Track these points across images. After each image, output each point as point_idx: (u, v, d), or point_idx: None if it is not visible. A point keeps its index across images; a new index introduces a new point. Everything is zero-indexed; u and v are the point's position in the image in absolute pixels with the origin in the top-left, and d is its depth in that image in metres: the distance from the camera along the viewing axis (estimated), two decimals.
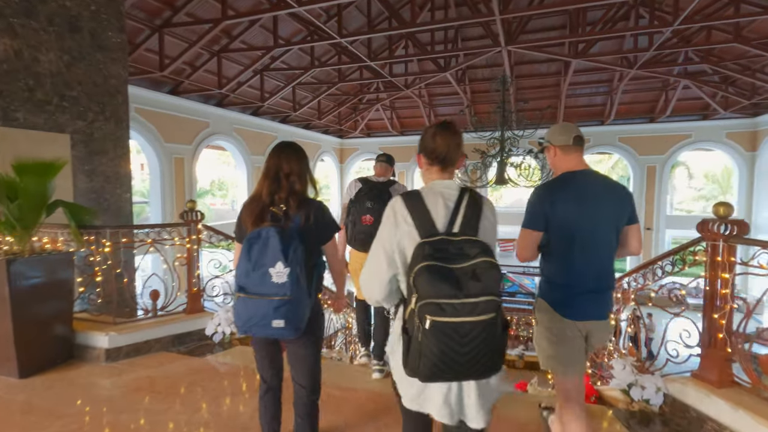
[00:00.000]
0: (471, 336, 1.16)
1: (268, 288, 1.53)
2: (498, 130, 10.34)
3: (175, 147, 11.80)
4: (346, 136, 21.11)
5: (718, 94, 14.31)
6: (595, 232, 1.71)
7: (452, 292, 1.16)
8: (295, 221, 1.64)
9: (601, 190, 1.77)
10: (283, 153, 1.75)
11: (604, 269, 1.76)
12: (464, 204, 1.36)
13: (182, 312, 2.97)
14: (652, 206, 17.10)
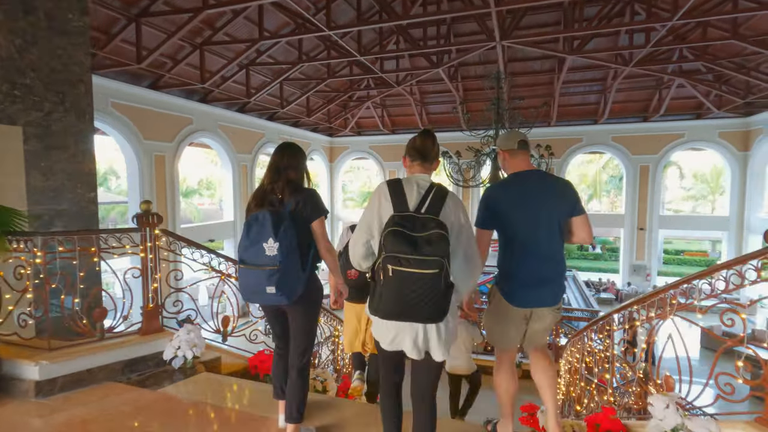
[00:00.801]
0: (419, 284, 1.51)
1: (262, 259, 1.83)
2: (492, 128, 10.02)
3: (155, 144, 11.27)
4: (335, 134, 20.67)
5: (711, 93, 14.18)
6: (537, 226, 1.90)
7: (409, 250, 1.52)
8: (287, 206, 1.95)
9: (541, 187, 1.95)
10: (283, 150, 2.09)
11: (546, 261, 1.93)
12: (432, 193, 1.73)
13: (136, 333, 2.55)
14: (645, 206, 16.96)
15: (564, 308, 10.69)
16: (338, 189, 21.81)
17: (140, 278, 2.55)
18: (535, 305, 1.97)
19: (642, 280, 17.10)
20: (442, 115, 18.35)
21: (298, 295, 1.91)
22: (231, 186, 14.45)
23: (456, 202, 1.78)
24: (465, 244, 1.72)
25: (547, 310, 1.99)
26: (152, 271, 2.54)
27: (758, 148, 15.01)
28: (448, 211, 1.70)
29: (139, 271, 2.55)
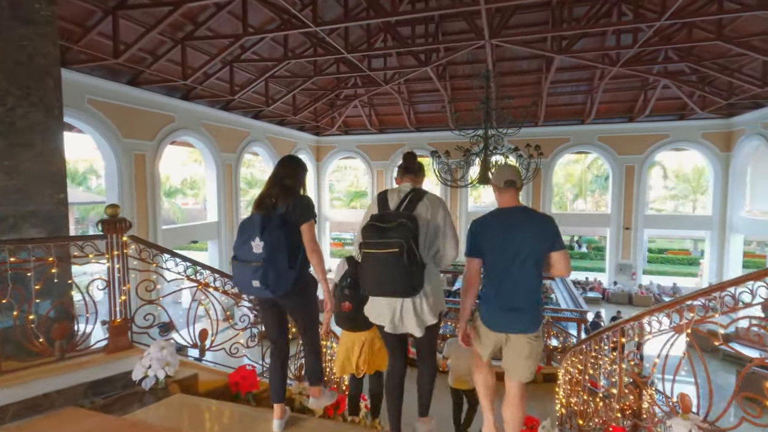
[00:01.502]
0: (385, 263, 1.88)
1: (250, 256, 2.08)
2: (481, 128, 9.92)
3: (134, 143, 10.87)
4: (322, 133, 20.39)
5: (695, 94, 14.36)
6: (514, 258, 2.07)
7: (377, 235, 1.94)
8: (279, 209, 2.18)
9: (522, 224, 2.11)
10: (284, 162, 2.34)
11: (520, 290, 2.09)
12: (410, 196, 2.12)
13: (101, 351, 2.30)
14: (630, 205, 17.12)
15: (552, 308, 10.66)
16: (325, 189, 21.54)
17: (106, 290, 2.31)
18: (507, 330, 2.15)
19: (628, 279, 17.26)
20: (431, 114, 18.24)
21: (286, 290, 2.12)
22: (215, 186, 14.08)
23: (434, 202, 2.16)
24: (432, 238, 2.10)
25: (523, 337, 2.13)
26: (120, 281, 2.31)
27: (740, 149, 15.26)
28: (422, 209, 2.10)
29: (105, 282, 2.32)
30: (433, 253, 2.11)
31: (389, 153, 19.93)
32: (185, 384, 2.30)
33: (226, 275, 2.95)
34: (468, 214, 19.44)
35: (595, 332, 2.61)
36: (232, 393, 2.44)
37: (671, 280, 18.46)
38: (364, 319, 2.31)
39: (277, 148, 17.51)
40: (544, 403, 7.77)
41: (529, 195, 18.13)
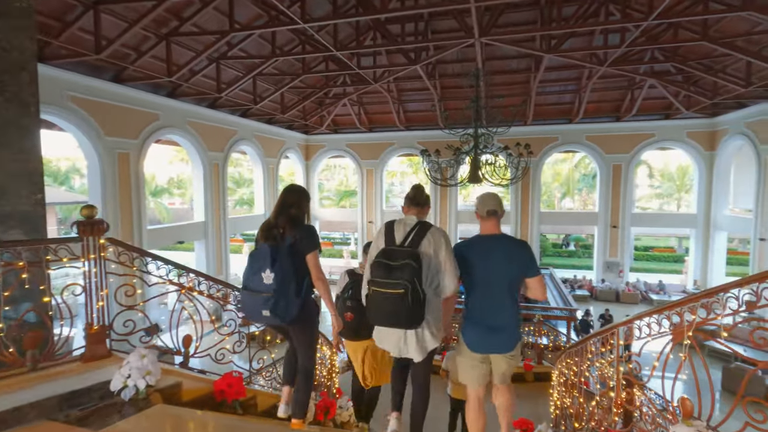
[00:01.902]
0: (391, 300, 2.03)
1: (260, 287, 2.18)
2: (471, 127, 9.90)
3: (118, 141, 10.61)
4: (311, 131, 20.21)
5: (681, 94, 14.55)
6: (491, 282, 2.25)
7: (384, 275, 2.07)
8: (287, 240, 2.27)
9: (499, 252, 2.27)
10: (289, 191, 2.43)
11: (499, 312, 2.27)
12: (416, 230, 2.23)
13: (78, 360, 2.18)
14: (618, 204, 17.31)
15: (542, 307, 10.70)
16: (314, 188, 21.36)
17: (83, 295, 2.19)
18: (489, 351, 2.35)
19: (615, 277, 17.46)
20: (420, 113, 18.20)
21: (294, 316, 2.25)
22: (202, 185, 13.84)
23: (437, 237, 2.26)
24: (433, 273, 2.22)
25: (501, 357, 2.35)
26: (98, 286, 2.18)
27: (724, 148, 15.52)
28: (426, 244, 2.22)
29: (81, 287, 2.19)
30: (434, 286, 2.24)
31: (379, 152, 19.85)
32: (168, 393, 2.19)
33: (210, 278, 2.84)
34: (458, 213, 19.47)
35: (592, 334, 2.57)
36: (218, 401, 2.34)
37: (657, 278, 18.72)
38: (365, 328, 2.54)
39: (265, 147, 17.30)
40: (537, 403, 7.78)
41: (518, 194, 18.22)
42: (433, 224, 2.32)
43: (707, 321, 1.64)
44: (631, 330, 2.04)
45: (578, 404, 2.64)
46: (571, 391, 2.87)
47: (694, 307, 1.69)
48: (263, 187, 17.45)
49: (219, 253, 14.65)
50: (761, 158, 13.27)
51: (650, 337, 1.88)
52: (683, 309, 1.75)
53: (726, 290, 1.54)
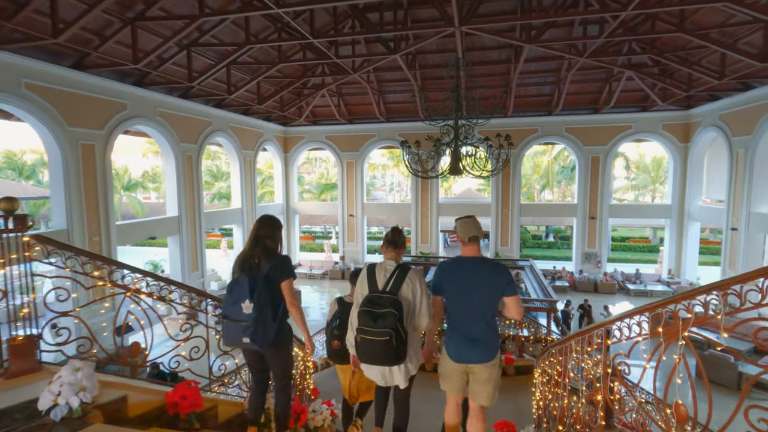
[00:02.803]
0: (377, 345, 2.37)
1: (240, 315, 2.34)
2: (451, 118, 9.73)
3: (82, 132, 10.04)
4: (290, 123, 19.75)
5: (657, 86, 14.73)
6: (470, 300, 2.44)
7: (371, 323, 2.40)
8: (263, 270, 2.43)
9: (477, 274, 2.45)
10: (262, 223, 2.55)
11: (475, 326, 2.46)
12: (396, 274, 2.56)
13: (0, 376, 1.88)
14: (596, 196, 17.51)
15: (523, 299, 10.69)
16: (293, 181, 20.94)
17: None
18: (468, 361, 2.53)
19: (593, 267, 17.71)
20: (401, 104, 17.97)
21: (271, 341, 2.42)
22: (174, 178, 13.31)
23: (414, 280, 2.56)
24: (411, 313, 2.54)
25: (482, 366, 2.52)
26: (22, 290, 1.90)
27: (697, 140, 15.82)
28: (405, 288, 2.52)
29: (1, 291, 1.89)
30: (412, 323, 2.57)
31: (359, 144, 19.55)
32: (111, 410, 1.93)
33: (161, 278, 2.57)
34: (439, 205, 19.38)
35: (577, 332, 2.44)
36: (170, 415, 2.10)
37: (634, 267, 19.09)
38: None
39: (242, 138, 16.79)
40: (517, 396, 7.75)
41: (499, 186, 18.24)
42: (410, 266, 2.63)
43: (706, 320, 1.49)
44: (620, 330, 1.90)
45: (562, 406, 2.51)
46: (554, 390, 2.73)
47: (689, 304, 1.55)
48: (240, 180, 16.96)
49: (194, 248, 14.18)
50: (733, 150, 13.55)
51: (640, 337, 1.74)
52: (678, 306, 1.61)
53: (726, 287, 1.40)
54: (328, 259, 21.77)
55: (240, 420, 2.66)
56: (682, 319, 1.53)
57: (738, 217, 13.34)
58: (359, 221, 20.08)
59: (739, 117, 13.26)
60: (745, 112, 12.95)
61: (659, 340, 1.70)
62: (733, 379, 8.72)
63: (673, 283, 16.42)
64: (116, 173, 29.20)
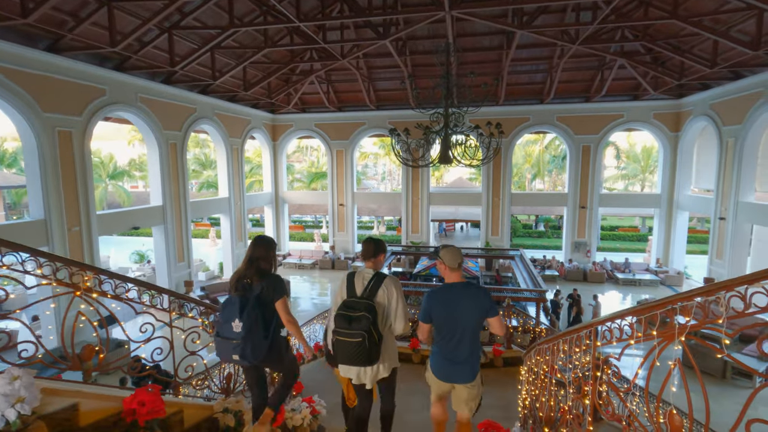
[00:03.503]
0: (351, 346, 2.55)
1: (231, 334, 2.50)
2: (441, 105, 9.53)
3: (58, 118, 9.66)
4: (278, 110, 19.35)
5: (649, 74, 14.62)
6: (456, 323, 2.63)
7: (345, 326, 2.58)
8: (255, 290, 2.57)
9: (463, 298, 2.64)
10: (256, 244, 2.67)
11: (460, 349, 2.65)
12: (373, 281, 2.74)
13: None
14: (586, 185, 17.48)
15: (512, 289, 10.67)
16: (282, 170, 20.61)
17: None
18: (450, 381, 2.74)
19: (582, 257, 17.77)
20: (391, 91, 17.67)
21: (263, 356, 2.54)
22: (158, 167, 12.96)
23: (390, 287, 2.73)
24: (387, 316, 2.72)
25: (463, 387, 2.74)
26: None
27: (688, 129, 15.81)
28: (381, 294, 2.69)
29: None
30: (388, 325, 2.74)
31: (349, 132, 19.26)
32: (59, 419, 1.77)
33: (117, 275, 2.37)
34: (429, 194, 19.24)
35: (565, 332, 2.32)
36: (128, 422, 1.94)
37: (623, 256, 19.21)
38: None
39: (228, 126, 16.41)
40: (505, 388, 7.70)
41: (490, 175, 18.13)
42: (387, 275, 2.80)
43: (704, 323, 1.36)
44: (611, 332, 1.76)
45: (549, 406, 2.40)
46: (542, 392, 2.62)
47: (687, 307, 1.42)
48: (227, 169, 16.62)
49: (180, 239, 13.90)
50: (723, 139, 13.55)
51: (632, 340, 1.61)
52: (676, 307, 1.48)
53: (729, 288, 1.26)
54: (318, 249, 21.58)
55: (208, 425, 2.51)
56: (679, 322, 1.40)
57: (726, 207, 13.39)
58: (349, 211, 19.89)
59: (730, 106, 13.23)
60: (736, 102, 12.92)
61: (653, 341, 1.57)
62: (719, 367, 8.79)
63: (661, 272, 16.55)
64: (101, 161, 28.55)
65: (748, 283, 1.22)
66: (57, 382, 1.97)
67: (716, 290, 1.32)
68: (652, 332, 1.54)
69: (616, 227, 32.19)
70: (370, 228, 33.62)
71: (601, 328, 1.83)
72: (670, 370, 1.49)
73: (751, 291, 1.23)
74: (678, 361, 1.48)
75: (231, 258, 16.97)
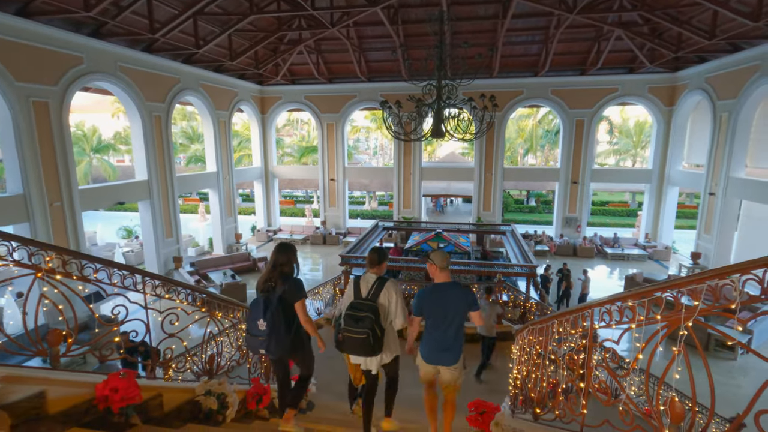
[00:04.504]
0: (357, 341, 2.97)
1: (257, 332, 2.90)
2: (434, 77, 9.22)
3: (33, 88, 9.20)
4: (266, 82, 18.75)
5: (645, 46, 14.33)
6: (444, 317, 3.12)
7: (353, 324, 2.99)
8: (278, 292, 2.93)
9: (450, 296, 3.12)
10: (279, 251, 3.03)
11: (446, 338, 3.13)
12: (375, 285, 3.16)
13: None
14: (579, 160, 17.39)
15: (503, 264, 10.69)
16: (272, 143, 20.17)
17: None
18: (437, 364, 3.20)
19: (573, 232, 17.88)
20: (383, 62, 17.16)
21: (287, 349, 2.95)
22: (142, 140, 12.54)
23: (390, 290, 3.16)
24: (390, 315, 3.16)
25: (447, 369, 3.19)
26: None
27: (682, 103, 15.66)
28: (383, 296, 3.13)
29: None
30: (389, 321, 3.17)
31: (340, 105, 18.79)
32: (24, 408, 1.66)
33: (84, 255, 2.21)
34: (422, 169, 19.03)
35: (560, 312, 2.24)
36: (100, 410, 1.84)
37: (612, 231, 19.37)
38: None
39: (215, 98, 15.88)
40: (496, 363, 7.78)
41: (482, 150, 17.93)
42: (388, 278, 3.22)
43: (715, 308, 1.26)
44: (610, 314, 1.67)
45: (540, 388, 2.35)
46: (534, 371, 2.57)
47: (696, 290, 1.32)
48: (214, 142, 16.19)
49: (167, 214, 13.63)
50: (717, 114, 13.44)
51: (633, 323, 1.52)
52: (681, 291, 1.38)
53: (745, 270, 1.15)
54: (310, 224, 21.42)
55: (190, 407, 2.42)
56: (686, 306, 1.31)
57: (716, 182, 13.43)
58: (340, 186, 19.65)
59: (726, 80, 13.06)
60: (732, 75, 12.74)
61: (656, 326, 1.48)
62: (702, 340, 8.99)
63: (649, 246, 16.74)
64: (84, 134, 27.70)
65: (766, 266, 1.11)
66: (21, 369, 1.85)
67: (730, 273, 1.21)
68: (656, 316, 1.45)
69: (607, 202, 32.40)
70: (362, 203, 33.43)
71: (600, 311, 1.75)
72: (674, 356, 1.41)
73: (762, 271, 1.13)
74: (683, 347, 1.40)
75: (221, 233, 16.78)
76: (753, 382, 7.91)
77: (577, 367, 1.95)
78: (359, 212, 29.57)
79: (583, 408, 1.82)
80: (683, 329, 1.36)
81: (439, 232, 12.31)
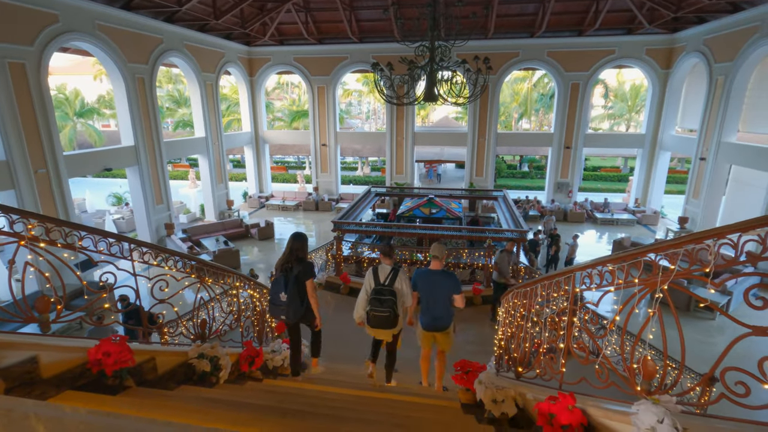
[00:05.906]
0: (381, 318, 4.02)
1: (279, 302, 3.74)
2: (427, 38, 8.93)
3: (7, 48, 8.79)
4: (254, 43, 18.06)
5: (645, 6, 13.92)
6: (435, 295, 4.10)
7: (378, 305, 4.05)
8: (294, 272, 3.73)
9: (440, 280, 4.11)
10: (295, 240, 3.84)
11: (437, 311, 4.12)
12: (391, 274, 4.14)
13: None
14: (572, 124, 17.26)
15: (493, 230, 10.81)
16: (261, 107, 19.69)
17: None
18: (433, 330, 4.15)
19: (564, 197, 18.01)
20: (374, 22, 16.54)
21: (301, 315, 3.79)
22: (126, 104, 12.16)
23: (402, 277, 4.14)
24: (401, 296, 4.08)
25: (441, 333, 4.16)
26: None
27: (679, 66, 15.42)
28: (399, 283, 4.08)
29: None
30: (401, 302, 4.05)
31: (330, 67, 18.24)
32: (18, 372, 1.69)
33: (67, 223, 2.18)
34: (414, 134, 18.79)
35: (544, 276, 2.29)
36: (94, 373, 1.88)
37: (603, 197, 19.55)
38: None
39: (201, 59, 15.30)
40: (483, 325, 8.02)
41: (476, 114, 17.68)
42: (400, 268, 4.18)
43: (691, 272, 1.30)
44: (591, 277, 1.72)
45: (524, 348, 2.44)
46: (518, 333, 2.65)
47: (673, 254, 1.35)
48: (202, 106, 15.76)
49: (156, 180, 13.45)
50: (713, 77, 13.29)
51: (612, 287, 1.57)
52: (659, 256, 1.42)
53: (721, 235, 1.18)
54: (302, 191, 21.31)
55: (184, 370, 2.49)
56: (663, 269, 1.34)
57: (708, 147, 13.47)
58: (332, 151, 19.41)
59: (724, 42, 12.82)
60: (731, 36, 12.50)
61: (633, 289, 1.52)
62: (683, 302, 9.30)
63: (638, 211, 16.96)
64: (66, 98, 26.77)
65: (741, 230, 1.14)
66: (12, 335, 1.87)
67: (706, 237, 1.24)
68: (634, 280, 1.49)
69: (599, 168, 32.49)
70: (354, 169, 33.18)
71: (581, 274, 1.80)
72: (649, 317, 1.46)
73: (744, 239, 1.15)
74: (658, 309, 1.45)
75: (212, 200, 16.66)
76: (728, 340, 8.28)
77: (559, 329, 2.03)
78: (352, 178, 29.40)
79: (562, 366, 1.90)
80: (659, 292, 1.40)
81: (432, 198, 12.33)
